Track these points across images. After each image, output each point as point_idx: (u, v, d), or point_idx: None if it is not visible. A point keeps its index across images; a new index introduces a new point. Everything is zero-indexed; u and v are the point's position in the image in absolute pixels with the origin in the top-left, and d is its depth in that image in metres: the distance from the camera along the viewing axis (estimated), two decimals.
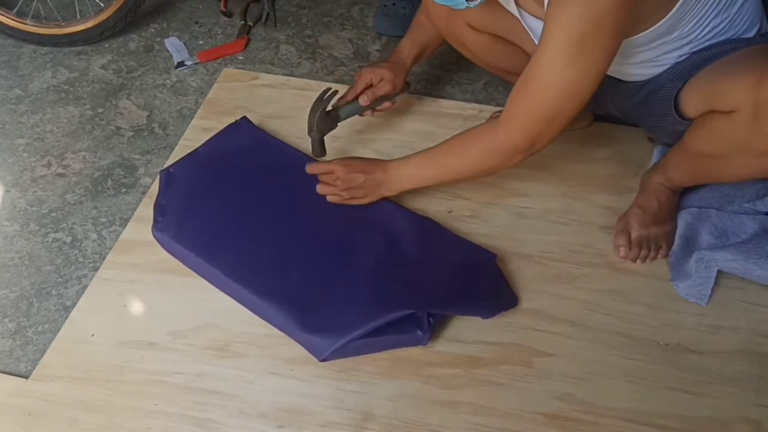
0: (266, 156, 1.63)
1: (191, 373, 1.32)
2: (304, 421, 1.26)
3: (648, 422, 1.26)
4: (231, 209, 1.51)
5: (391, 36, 2.04)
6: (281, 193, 1.54)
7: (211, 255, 1.43)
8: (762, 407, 1.28)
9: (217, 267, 1.41)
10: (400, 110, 1.78)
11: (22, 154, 1.74)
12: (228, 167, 1.60)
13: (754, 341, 1.36)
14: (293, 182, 1.55)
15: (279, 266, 1.41)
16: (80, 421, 1.26)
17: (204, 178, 1.58)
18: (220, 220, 1.49)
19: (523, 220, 1.54)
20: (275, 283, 1.38)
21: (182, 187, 1.55)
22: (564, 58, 1.15)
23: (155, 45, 2.04)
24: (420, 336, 1.31)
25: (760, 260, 1.38)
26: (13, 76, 1.94)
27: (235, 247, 1.44)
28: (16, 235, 1.57)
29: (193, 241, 1.45)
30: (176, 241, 1.46)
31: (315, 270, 1.40)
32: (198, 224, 1.49)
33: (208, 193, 1.55)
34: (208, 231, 1.47)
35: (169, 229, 1.48)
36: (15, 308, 1.44)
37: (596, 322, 1.39)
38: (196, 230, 1.47)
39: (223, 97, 1.85)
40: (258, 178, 1.58)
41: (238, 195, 1.54)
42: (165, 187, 1.56)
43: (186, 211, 1.51)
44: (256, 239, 1.46)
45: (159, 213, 1.51)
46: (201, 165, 1.60)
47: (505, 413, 1.27)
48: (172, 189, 1.55)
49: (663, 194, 1.48)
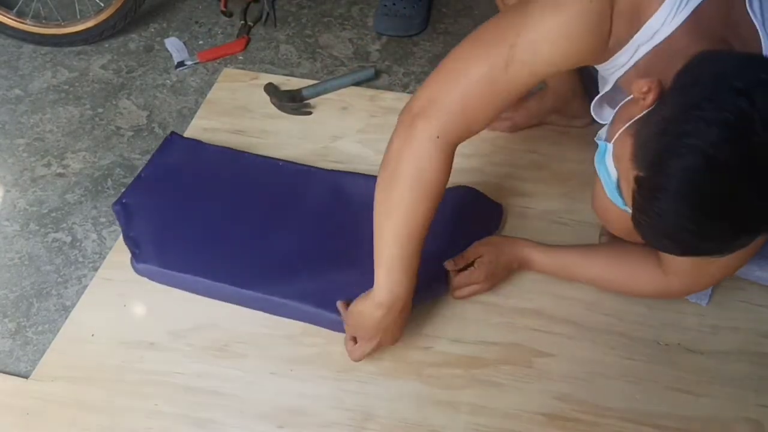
0: (218, 164, 1.61)
1: (191, 373, 1.32)
2: (304, 421, 1.26)
3: (648, 422, 1.26)
4: (208, 222, 1.49)
5: (391, 36, 2.04)
6: (249, 194, 1.54)
7: (212, 271, 1.40)
8: (762, 407, 1.28)
9: (224, 281, 1.39)
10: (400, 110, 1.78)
11: (22, 154, 1.74)
12: (183, 183, 1.57)
13: (754, 341, 1.36)
14: (255, 180, 1.57)
15: (285, 264, 1.42)
16: (80, 421, 1.26)
17: (163, 199, 1.54)
18: (202, 236, 1.47)
19: (523, 220, 1.54)
20: (291, 280, 1.39)
21: (145, 215, 1.51)
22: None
23: (155, 45, 2.03)
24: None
25: (760, 260, 1.38)
26: (13, 76, 1.94)
27: (232, 257, 1.43)
28: (16, 235, 1.57)
29: (184, 263, 1.42)
30: (165, 268, 1.42)
31: (321, 259, 1.42)
32: (181, 245, 1.45)
33: (175, 212, 1.51)
34: (194, 249, 1.44)
35: (151, 258, 1.43)
36: (15, 308, 1.44)
37: (596, 322, 1.39)
38: (182, 252, 1.44)
39: (223, 97, 1.85)
40: (220, 186, 1.56)
41: (208, 206, 1.52)
42: (126, 219, 1.50)
43: (161, 236, 1.47)
44: (246, 243, 1.45)
45: (133, 245, 1.45)
46: (152, 188, 1.56)
47: (505, 413, 1.27)
48: (134, 219, 1.50)
49: None
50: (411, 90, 1.87)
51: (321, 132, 1.74)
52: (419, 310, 1.40)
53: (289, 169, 1.61)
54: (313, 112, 1.79)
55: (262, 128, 1.75)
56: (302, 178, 1.59)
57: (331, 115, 1.79)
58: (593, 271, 1.38)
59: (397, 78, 1.92)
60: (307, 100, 1.81)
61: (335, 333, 1.36)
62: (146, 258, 1.43)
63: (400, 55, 1.98)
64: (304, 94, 1.81)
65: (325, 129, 1.75)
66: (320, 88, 1.83)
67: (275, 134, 1.74)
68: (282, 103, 1.79)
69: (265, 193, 1.56)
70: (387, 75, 1.93)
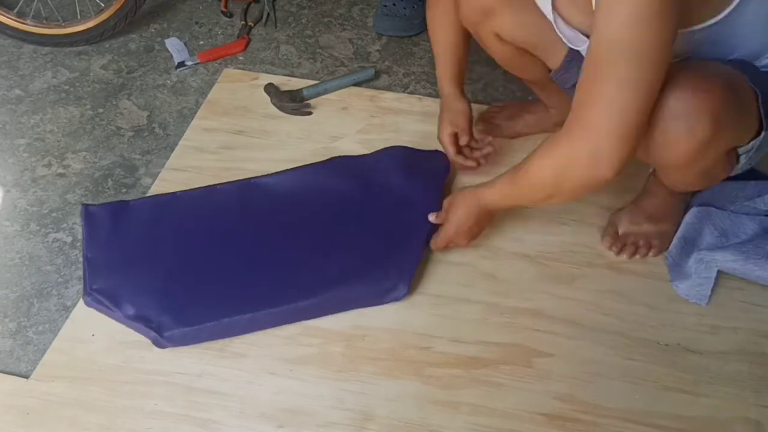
0: (156, 213, 1.54)
1: (191, 373, 1.32)
2: (304, 421, 1.26)
3: (648, 422, 1.26)
4: (190, 267, 1.44)
5: (391, 36, 2.04)
6: (211, 224, 1.51)
7: (238, 303, 1.37)
8: (762, 407, 1.28)
9: (260, 306, 1.36)
10: (400, 110, 1.79)
11: (23, 154, 1.75)
12: (137, 245, 1.48)
13: (754, 341, 1.36)
14: (208, 210, 1.53)
15: (289, 267, 1.43)
16: (80, 421, 1.26)
17: (133, 268, 1.43)
18: (199, 280, 1.41)
19: (523, 220, 1.54)
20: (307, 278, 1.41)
21: (128, 290, 1.39)
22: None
23: (155, 45, 2.04)
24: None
25: (760, 261, 1.39)
26: (14, 76, 1.95)
27: (242, 283, 1.40)
28: (16, 235, 1.57)
29: (206, 310, 1.36)
30: (193, 324, 1.34)
31: (313, 249, 1.46)
32: (189, 298, 1.38)
33: (154, 273, 1.42)
34: (205, 294, 1.39)
35: (171, 324, 1.34)
36: (15, 308, 1.44)
37: (596, 322, 1.39)
38: (195, 302, 1.37)
39: (223, 98, 1.85)
40: (175, 230, 1.50)
41: (180, 254, 1.46)
42: (113, 304, 1.38)
43: (164, 300, 1.38)
44: (241, 267, 1.43)
45: (144, 323, 1.35)
46: (111, 264, 1.44)
47: (505, 413, 1.27)
48: (121, 300, 1.38)
49: (662, 194, 1.48)
50: (411, 90, 1.87)
51: (321, 132, 1.75)
52: (419, 309, 1.41)
53: (230, 187, 1.58)
54: (313, 112, 1.79)
55: (262, 128, 1.76)
56: (248, 190, 1.57)
57: (331, 115, 1.79)
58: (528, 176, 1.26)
59: (397, 78, 1.92)
60: (308, 101, 1.81)
61: (335, 333, 1.37)
62: (167, 326, 1.34)
63: (400, 56, 1.99)
64: (305, 94, 1.81)
65: (325, 129, 1.76)
66: (320, 88, 1.83)
67: (275, 134, 1.74)
68: (282, 103, 1.79)
69: (224, 217, 1.52)
70: (387, 75, 1.93)
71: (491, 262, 1.48)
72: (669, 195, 1.48)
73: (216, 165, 1.67)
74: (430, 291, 1.44)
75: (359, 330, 1.38)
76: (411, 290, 1.42)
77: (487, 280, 1.46)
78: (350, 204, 1.54)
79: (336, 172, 1.61)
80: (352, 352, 1.35)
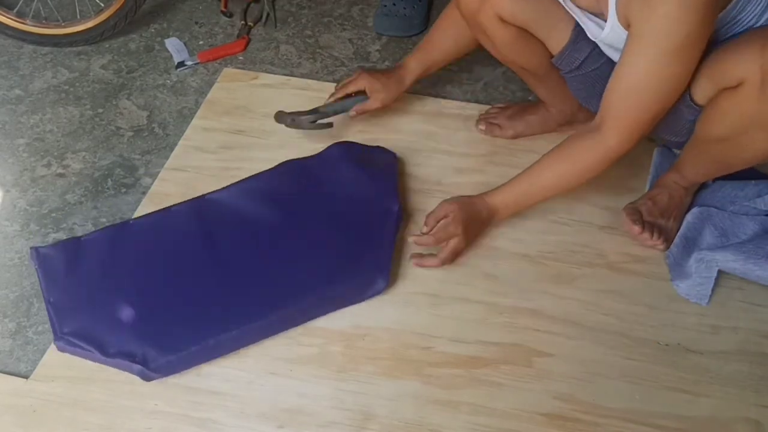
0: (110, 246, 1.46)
1: (191, 373, 1.32)
2: (304, 421, 1.26)
3: (648, 422, 1.26)
4: (161, 292, 1.38)
5: (391, 36, 2.04)
6: (176, 248, 1.46)
7: (222, 321, 1.33)
8: (762, 407, 1.28)
9: (226, 331, 1.32)
10: (401, 110, 1.78)
11: (22, 154, 1.75)
12: (100, 281, 1.41)
13: (754, 341, 1.36)
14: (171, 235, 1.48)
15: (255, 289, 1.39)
16: (80, 421, 1.26)
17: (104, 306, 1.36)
18: (176, 304, 1.36)
19: (523, 220, 1.54)
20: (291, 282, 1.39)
21: (105, 327, 1.33)
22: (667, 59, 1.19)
23: (155, 45, 2.04)
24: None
25: (760, 260, 1.38)
26: (13, 76, 1.94)
27: (224, 300, 1.37)
28: (16, 235, 1.57)
29: (193, 334, 1.31)
30: (181, 350, 1.30)
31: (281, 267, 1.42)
32: (170, 324, 1.34)
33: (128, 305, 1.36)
34: (185, 318, 1.34)
35: (160, 353, 1.29)
36: (15, 308, 1.44)
37: (596, 322, 1.39)
38: (178, 328, 1.33)
39: (223, 97, 1.85)
40: (137, 259, 1.44)
41: (149, 282, 1.40)
42: (90, 344, 1.31)
43: (136, 333, 1.32)
44: (218, 285, 1.39)
45: (127, 358, 1.29)
46: (78, 305, 1.37)
47: (505, 413, 1.27)
48: (101, 338, 1.32)
49: (676, 191, 1.49)
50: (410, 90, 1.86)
51: (321, 132, 1.74)
52: (419, 309, 1.41)
53: (183, 208, 1.53)
54: (333, 124, 1.67)
55: (262, 128, 1.76)
56: (204, 208, 1.53)
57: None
58: (544, 175, 1.38)
59: None
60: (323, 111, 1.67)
61: (335, 333, 1.37)
62: (153, 358, 1.29)
63: (400, 56, 1.98)
64: (323, 110, 1.67)
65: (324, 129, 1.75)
66: (338, 106, 1.67)
67: (275, 134, 1.74)
68: (298, 118, 1.66)
69: (185, 238, 1.47)
70: None
71: (491, 262, 1.48)
72: (685, 192, 1.50)
73: (216, 165, 1.67)
74: (430, 291, 1.44)
75: (359, 330, 1.38)
76: (411, 290, 1.42)
77: (487, 280, 1.46)
78: (310, 207, 1.52)
79: (288, 177, 1.59)
80: (352, 352, 1.35)
